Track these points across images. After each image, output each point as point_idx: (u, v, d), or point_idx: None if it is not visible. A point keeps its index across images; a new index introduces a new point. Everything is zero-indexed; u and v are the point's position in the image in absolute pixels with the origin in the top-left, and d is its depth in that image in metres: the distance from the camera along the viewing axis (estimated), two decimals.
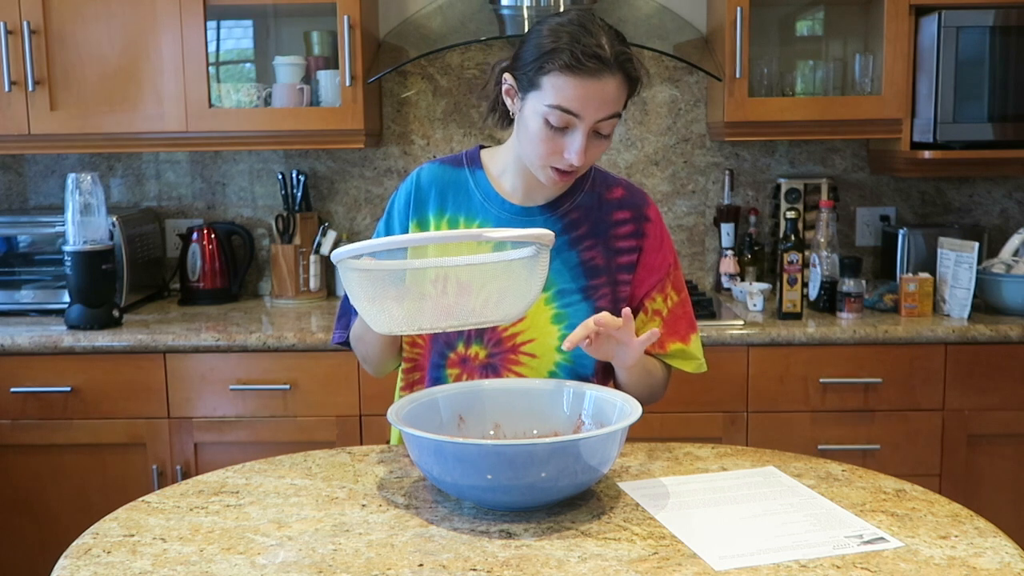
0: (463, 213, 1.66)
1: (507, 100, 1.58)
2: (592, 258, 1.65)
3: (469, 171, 1.69)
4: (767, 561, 1.16)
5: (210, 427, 2.67)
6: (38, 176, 3.29)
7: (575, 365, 1.64)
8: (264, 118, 2.89)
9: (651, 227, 1.68)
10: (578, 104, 1.48)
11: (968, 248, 2.71)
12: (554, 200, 1.66)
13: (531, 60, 1.50)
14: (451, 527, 1.28)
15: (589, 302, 1.63)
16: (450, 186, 1.68)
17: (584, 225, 1.66)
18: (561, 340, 1.59)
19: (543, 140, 1.51)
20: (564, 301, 1.63)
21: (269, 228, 3.26)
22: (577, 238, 1.65)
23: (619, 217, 1.67)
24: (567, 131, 1.51)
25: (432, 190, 1.69)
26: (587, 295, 1.63)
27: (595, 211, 1.67)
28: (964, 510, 1.33)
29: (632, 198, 1.69)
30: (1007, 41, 2.75)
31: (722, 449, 1.61)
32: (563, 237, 1.64)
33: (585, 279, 1.64)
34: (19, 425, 2.67)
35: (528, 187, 1.65)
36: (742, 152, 3.24)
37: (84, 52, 2.86)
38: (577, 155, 1.50)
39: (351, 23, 2.82)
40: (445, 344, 1.64)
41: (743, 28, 2.81)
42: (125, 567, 1.18)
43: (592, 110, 1.49)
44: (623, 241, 1.67)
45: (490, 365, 1.64)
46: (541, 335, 1.63)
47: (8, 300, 2.91)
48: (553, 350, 1.63)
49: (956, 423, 2.67)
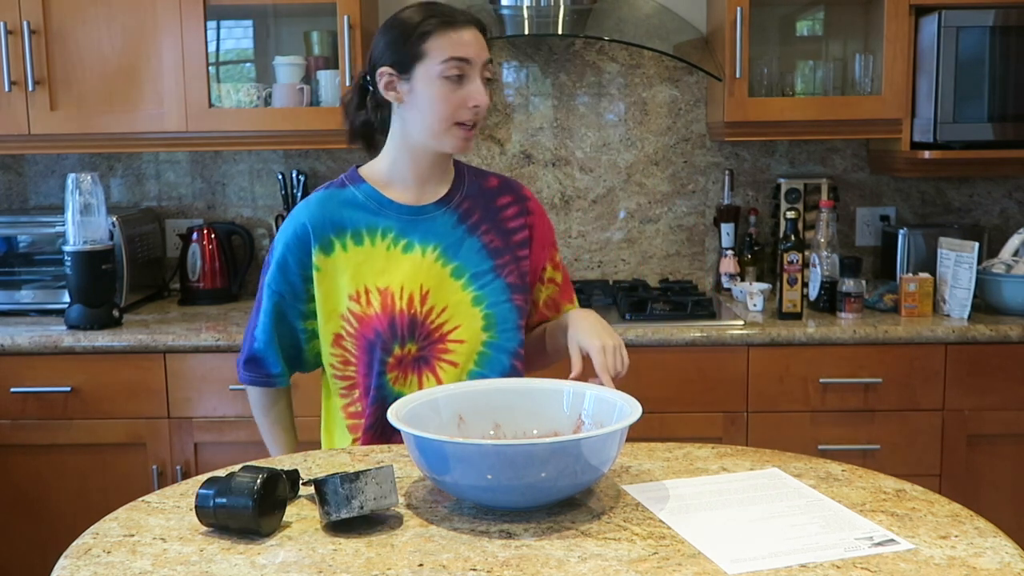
0: (363, 225, 1.72)
1: (389, 94, 1.66)
2: (491, 240, 1.77)
3: (354, 188, 1.75)
4: (780, 564, 1.16)
5: (210, 427, 2.67)
6: (38, 176, 3.29)
7: (500, 340, 1.74)
8: (264, 118, 2.89)
9: (533, 206, 1.84)
10: (465, 50, 1.63)
11: (968, 248, 2.71)
12: (444, 196, 1.76)
13: (404, 40, 1.63)
14: (451, 527, 1.28)
15: (500, 280, 1.76)
16: (342, 205, 1.73)
17: (476, 212, 1.77)
18: (484, 320, 1.72)
19: (445, 99, 1.63)
20: (479, 283, 1.74)
21: (269, 228, 3.26)
22: (474, 225, 1.76)
23: (503, 202, 1.81)
24: (463, 81, 1.63)
25: (322, 216, 1.72)
26: (497, 273, 1.76)
27: (481, 199, 1.79)
28: (964, 510, 1.33)
29: (508, 184, 1.84)
30: (1007, 41, 2.75)
31: (722, 449, 1.61)
32: (462, 226, 1.75)
33: (491, 260, 1.76)
34: (19, 425, 2.67)
35: (420, 184, 1.74)
36: (742, 152, 3.24)
37: (84, 52, 2.86)
38: (480, 95, 1.64)
39: (351, 23, 2.82)
40: (383, 351, 1.70)
41: (743, 28, 2.81)
42: (125, 567, 1.18)
43: (476, 52, 1.64)
44: (512, 221, 1.80)
45: (422, 358, 1.72)
46: (465, 320, 1.72)
47: (8, 300, 2.91)
48: (479, 331, 1.73)
49: (956, 423, 2.67)
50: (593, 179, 3.24)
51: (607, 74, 3.21)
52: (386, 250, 1.71)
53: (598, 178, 3.24)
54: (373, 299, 1.69)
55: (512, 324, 1.75)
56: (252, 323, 1.78)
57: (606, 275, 3.27)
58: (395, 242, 1.72)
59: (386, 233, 1.71)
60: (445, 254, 1.73)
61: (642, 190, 3.24)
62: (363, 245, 1.71)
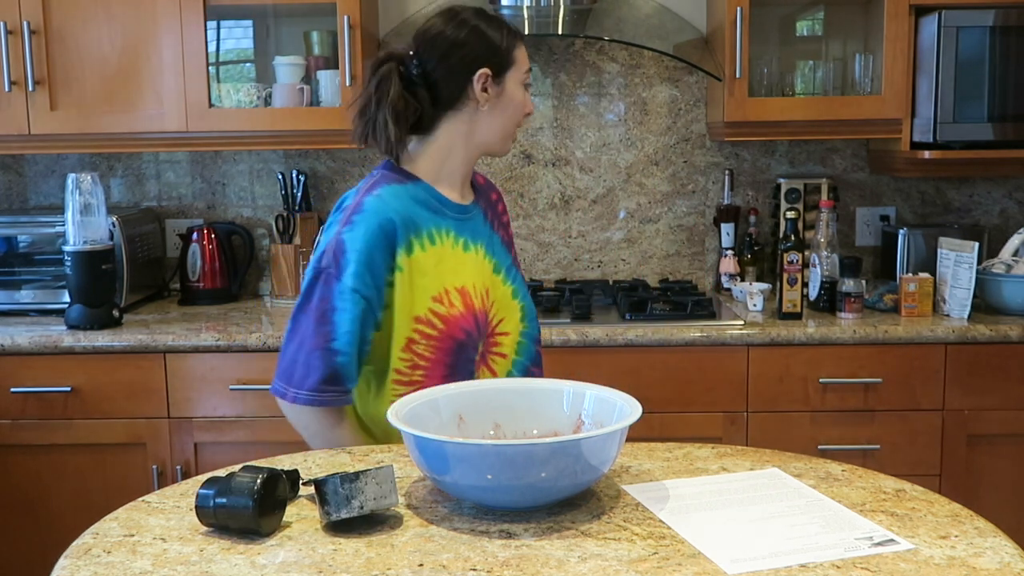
0: (432, 224, 1.69)
1: (482, 95, 1.68)
2: (504, 236, 1.87)
3: (413, 185, 1.70)
4: (780, 564, 1.16)
5: (210, 427, 2.67)
6: (38, 176, 3.29)
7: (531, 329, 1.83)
8: (264, 118, 2.89)
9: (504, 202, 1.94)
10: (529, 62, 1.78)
11: (968, 248, 2.71)
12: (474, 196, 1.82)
13: (498, 47, 1.69)
14: (451, 527, 1.28)
15: (518, 272, 1.86)
16: (413, 202, 1.68)
17: (489, 210, 1.85)
18: (521, 311, 1.81)
19: (522, 105, 1.73)
20: (511, 277, 1.82)
21: (269, 228, 3.26)
22: (491, 221, 1.84)
23: (494, 198, 1.89)
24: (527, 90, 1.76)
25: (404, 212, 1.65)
26: (516, 267, 1.86)
27: (484, 197, 1.85)
28: (964, 510, 1.33)
29: (489, 182, 1.92)
30: (1007, 41, 2.75)
31: (722, 449, 1.61)
32: (488, 223, 1.81)
33: (509, 254, 1.86)
34: (19, 425, 2.67)
35: (463, 184, 1.78)
36: (742, 152, 3.24)
37: (84, 52, 2.86)
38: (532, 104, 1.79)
39: (351, 23, 2.82)
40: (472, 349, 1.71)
41: (743, 28, 2.81)
42: (125, 567, 1.18)
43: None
44: (504, 216, 1.91)
45: (481, 353, 1.75)
46: (508, 313, 1.79)
47: (8, 300, 2.91)
48: (519, 322, 1.80)
49: (956, 423, 2.67)
50: (593, 179, 3.24)
51: (607, 74, 3.21)
52: (451, 249, 1.69)
53: (598, 178, 3.24)
54: (455, 299, 1.66)
55: (535, 312, 1.87)
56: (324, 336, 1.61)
57: (606, 275, 3.27)
58: (456, 241, 1.71)
59: (448, 232, 1.70)
60: (488, 251, 1.77)
61: (642, 190, 3.24)
62: (436, 245, 1.68)
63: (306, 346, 1.62)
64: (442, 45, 1.66)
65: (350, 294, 1.60)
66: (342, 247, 1.60)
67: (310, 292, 1.62)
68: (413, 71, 1.66)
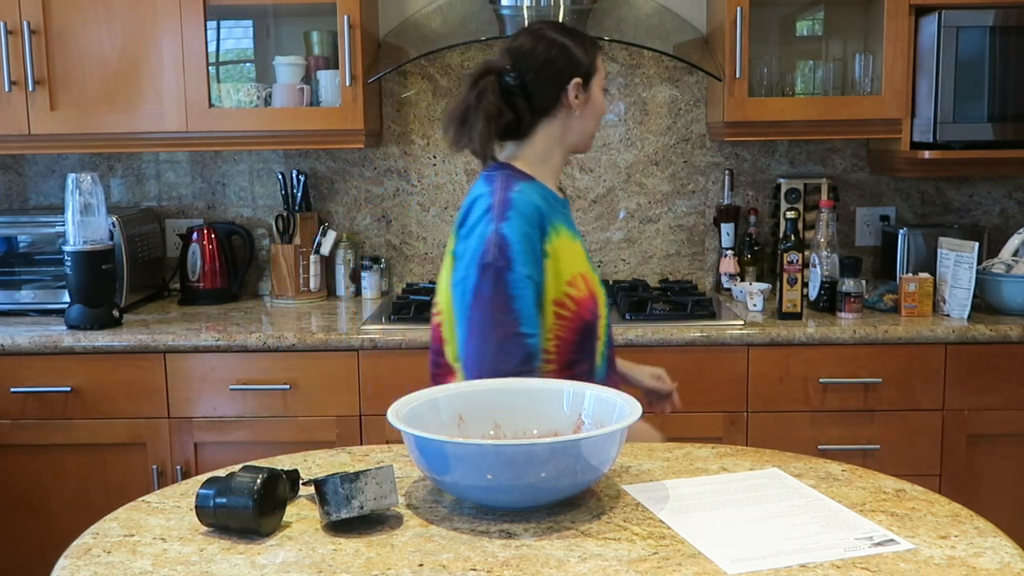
0: (559, 219, 1.80)
1: (574, 102, 1.80)
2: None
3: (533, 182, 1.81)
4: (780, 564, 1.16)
5: (210, 427, 2.67)
6: (38, 176, 3.29)
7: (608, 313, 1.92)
8: (264, 118, 2.89)
9: None
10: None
11: (968, 248, 2.71)
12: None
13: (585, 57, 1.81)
14: (451, 527, 1.28)
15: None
16: (545, 198, 1.79)
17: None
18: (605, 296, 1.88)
19: (604, 108, 1.87)
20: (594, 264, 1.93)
21: (269, 228, 3.26)
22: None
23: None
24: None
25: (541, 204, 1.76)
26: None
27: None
28: (964, 510, 1.33)
29: None
30: (1007, 41, 2.75)
31: (722, 449, 1.61)
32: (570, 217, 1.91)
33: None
34: (19, 425, 2.67)
35: (558, 181, 1.90)
36: (742, 152, 3.24)
37: (84, 52, 2.86)
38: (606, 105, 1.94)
39: (351, 23, 2.82)
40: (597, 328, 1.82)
41: (743, 28, 2.81)
42: (125, 567, 1.18)
43: None
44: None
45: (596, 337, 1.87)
46: (602, 297, 1.87)
47: (8, 300, 2.91)
48: (604, 306, 1.88)
49: (956, 423, 2.67)
50: (593, 179, 3.24)
51: (607, 74, 3.20)
52: (569, 239, 1.80)
53: (598, 178, 3.24)
54: (580, 283, 1.78)
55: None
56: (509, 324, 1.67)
57: (606, 275, 3.27)
58: (567, 232, 1.80)
59: (563, 224, 1.81)
60: (583, 241, 1.91)
61: (642, 190, 3.24)
62: (560, 235, 1.78)
63: (492, 338, 1.67)
64: (537, 60, 1.78)
65: (525, 281, 1.68)
66: (505, 240, 1.68)
67: (480, 289, 1.68)
68: (511, 82, 1.77)
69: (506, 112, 1.75)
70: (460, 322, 1.71)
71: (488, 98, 1.74)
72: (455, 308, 1.72)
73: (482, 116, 1.73)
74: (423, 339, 2.62)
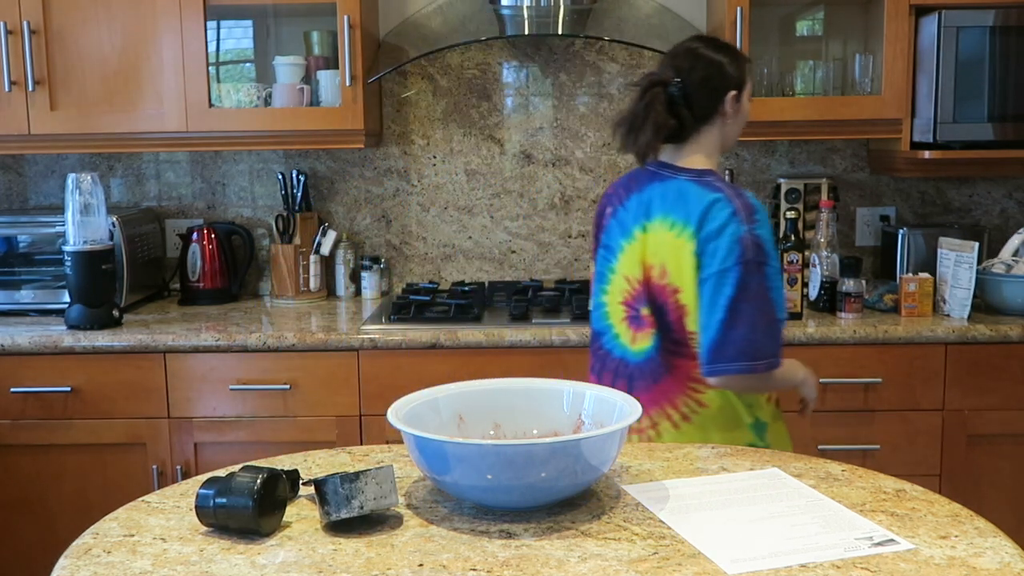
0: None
1: (730, 110, 1.98)
2: None
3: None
4: (780, 564, 1.16)
5: (210, 427, 2.67)
6: (38, 176, 3.29)
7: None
8: (264, 118, 2.89)
9: None
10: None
11: (968, 248, 2.71)
12: None
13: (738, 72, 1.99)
14: (451, 527, 1.28)
15: None
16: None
17: None
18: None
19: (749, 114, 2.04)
20: None
21: (269, 228, 3.26)
22: None
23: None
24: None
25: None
26: None
27: None
28: (964, 510, 1.33)
29: None
30: (1007, 41, 2.75)
31: (722, 449, 1.61)
32: None
33: None
34: (19, 425, 2.67)
35: None
36: (742, 152, 3.24)
37: (84, 52, 2.86)
38: None
39: (351, 23, 2.82)
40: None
41: (743, 28, 2.81)
42: (125, 567, 1.18)
43: None
44: None
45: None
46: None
47: (8, 300, 2.91)
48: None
49: (956, 423, 2.67)
50: (593, 179, 3.24)
51: (607, 74, 3.21)
52: None
53: (598, 178, 3.24)
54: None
55: None
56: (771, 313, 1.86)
57: None
58: None
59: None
60: None
61: None
62: None
63: (760, 325, 1.86)
64: (698, 75, 1.96)
65: (776, 273, 1.89)
66: (759, 240, 1.86)
67: (746, 284, 1.84)
68: (675, 93, 1.95)
69: (671, 121, 1.93)
70: (715, 310, 1.86)
71: (657, 108, 1.92)
72: (707, 297, 1.86)
73: (651, 126, 1.92)
74: (423, 339, 2.62)
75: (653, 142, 1.93)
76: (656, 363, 1.92)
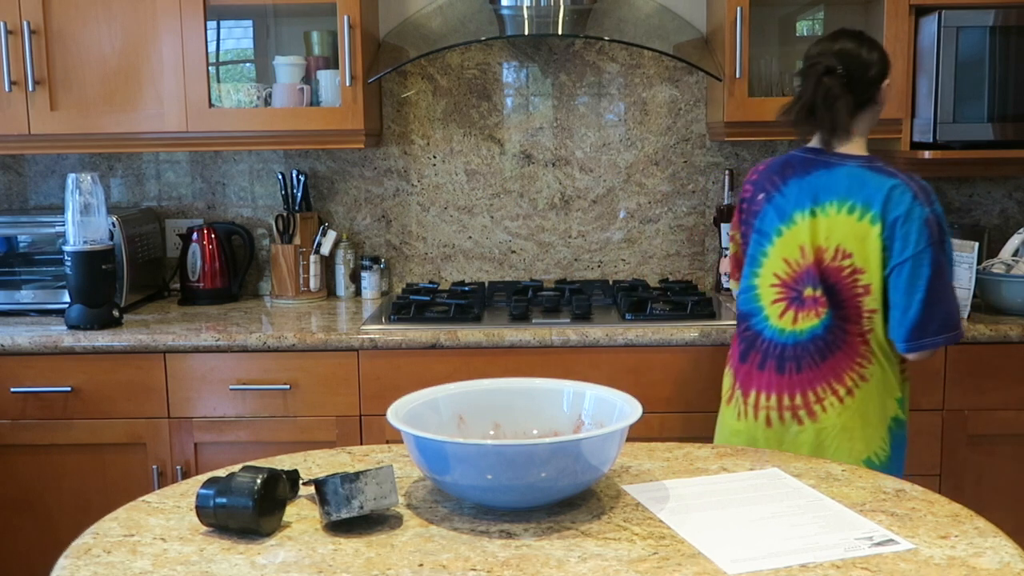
0: None
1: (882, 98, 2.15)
2: None
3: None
4: (780, 564, 1.16)
5: (210, 427, 2.67)
6: (38, 176, 3.29)
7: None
8: (264, 118, 2.89)
9: None
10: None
11: (968, 248, 2.71)
12: None
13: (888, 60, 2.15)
14: (451, 527, 1.28)
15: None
16: None
17: None
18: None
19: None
20: None
21: (269, 228, 3.26)
22: None
23: None
24: None
25: None
26: None
27: None
28: (964, 510, 1.33)
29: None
30: (1007, 41, 2.75)
31: (722, 449, 1.61)
32: None
33: None
34: (19, 425, 2.67)
35: None
36: (742, 152, 3.24)
37: (84, 52, 2.86)
38: None
39: (351, 23, 2.82)
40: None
41: (743, 28, 2.81)
42: (125, 567, 1.18)
43: None
44: None
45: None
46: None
47: (8, 300, 2.91)
48: None
49: (956, 423, 2.67)
50: (593, 179, 3.24)
51: (607, 74, 3.21)
52: None
53: (598, 178, 3.24)
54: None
55: None
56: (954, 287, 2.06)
57: (606, 275, 3.27)
58: None
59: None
60: None
61: (642, 190, 3.24)
62: None
63: (952, 298, 2.04)
64: (862, 65, 2.11)
65: (953, 248, 2.08)
66: (940, 219, 2.03)
67: (939, 263, 2.00)
68: (844, 81, 2.08)
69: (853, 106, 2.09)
70: (916, 290, 1.98)
71: (836, 93, 2.06)
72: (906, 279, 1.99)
73: (843, 109, 2.07)
74: (423, 339, 2.62)
75: (848, 124, 2.08)
76: (825, 341, 2.03)
